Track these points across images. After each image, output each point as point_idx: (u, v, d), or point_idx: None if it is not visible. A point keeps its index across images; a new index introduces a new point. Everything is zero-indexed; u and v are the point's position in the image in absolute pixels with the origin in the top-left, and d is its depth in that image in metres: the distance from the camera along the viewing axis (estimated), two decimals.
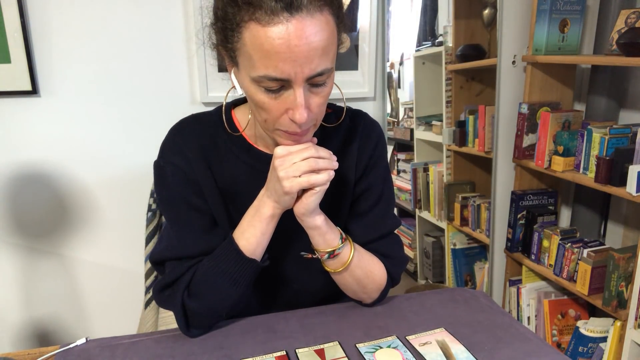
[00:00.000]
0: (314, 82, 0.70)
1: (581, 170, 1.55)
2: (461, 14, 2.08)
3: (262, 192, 0.81)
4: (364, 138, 0.90)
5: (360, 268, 0.86)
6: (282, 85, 0.69)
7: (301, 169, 0.74)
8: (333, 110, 0.90)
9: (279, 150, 0.75)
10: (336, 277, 0.87)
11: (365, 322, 0.86)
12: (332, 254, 0.83)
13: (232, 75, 0.77)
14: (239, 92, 0.77)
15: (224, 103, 0.85)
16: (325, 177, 0.75)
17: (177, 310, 0.80)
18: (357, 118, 0.92)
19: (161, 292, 0.82)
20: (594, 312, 1.74)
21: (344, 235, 0.85)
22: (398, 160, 2.68)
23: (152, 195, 1.10)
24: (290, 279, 0.92)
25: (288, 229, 0.84)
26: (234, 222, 0.85)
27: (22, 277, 1.58)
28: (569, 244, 1.60)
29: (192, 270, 0.82)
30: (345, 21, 0.74)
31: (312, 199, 0.77)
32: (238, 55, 0.70)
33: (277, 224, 0.82)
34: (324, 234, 0.82)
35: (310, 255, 0.85)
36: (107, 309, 1.67)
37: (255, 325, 0.85)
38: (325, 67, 0.69)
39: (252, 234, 0.80)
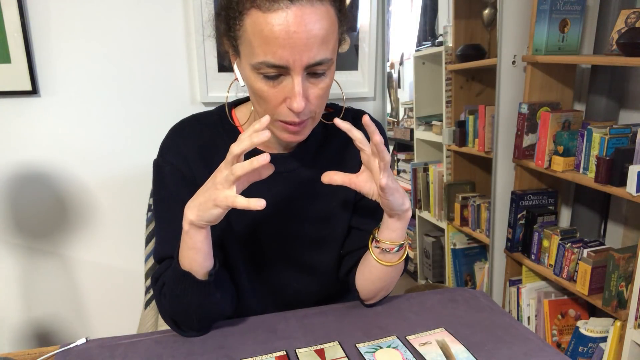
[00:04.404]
0: (313, 71, 0.70)
1: (581, 170, 1.55)
2: (461, 14, 2.08)
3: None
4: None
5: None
6: (281, 72, 0.69)
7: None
8: (334, 110, 0.90)
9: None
10: (380, 274, 0.84)
11: (365, 322, 0.86)
12: (402, 247, 0.82)
13: (235, 67, 0.77)
14: (241, 84, 0.77)
15: (227, 99, 0.85)
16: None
17: (159, 309, 0.81)
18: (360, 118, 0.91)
19: (153, 290, 0.83)
20: (594, 312, 1.74)
21: None
22: (398, 160, 2.68)
23: (152, 195, 1.10)
24: (290, 279, 0.92)
25: (287, 229, 0.84)
26: (231, 222, 0.85)
27: (22, 277, 1.58)
28: (569, 244, 1.60)
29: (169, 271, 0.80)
30: (347, 15, 0.74)
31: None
32: (240, 44, 0.71)
33: (269, 226, 0.81)
34: (404, 228, 0.81)
35: (381, 247, 0.82)
36: (107, 309, 1.67)
37: (255, 325, 0.85)
38: (324, 57, 0.69)
39: (184, 251, 0.75)
